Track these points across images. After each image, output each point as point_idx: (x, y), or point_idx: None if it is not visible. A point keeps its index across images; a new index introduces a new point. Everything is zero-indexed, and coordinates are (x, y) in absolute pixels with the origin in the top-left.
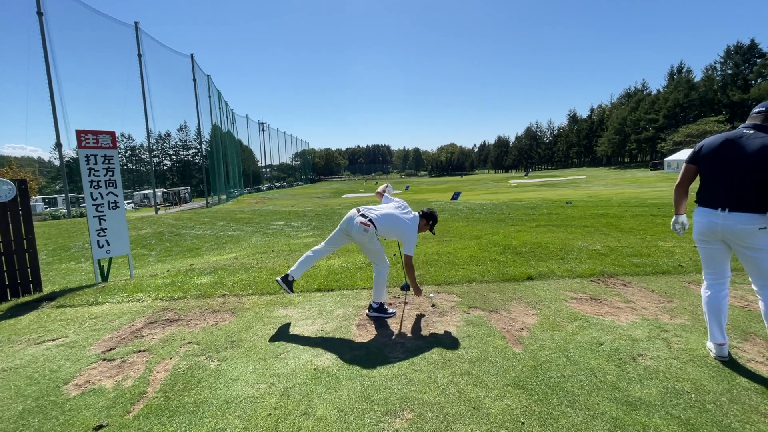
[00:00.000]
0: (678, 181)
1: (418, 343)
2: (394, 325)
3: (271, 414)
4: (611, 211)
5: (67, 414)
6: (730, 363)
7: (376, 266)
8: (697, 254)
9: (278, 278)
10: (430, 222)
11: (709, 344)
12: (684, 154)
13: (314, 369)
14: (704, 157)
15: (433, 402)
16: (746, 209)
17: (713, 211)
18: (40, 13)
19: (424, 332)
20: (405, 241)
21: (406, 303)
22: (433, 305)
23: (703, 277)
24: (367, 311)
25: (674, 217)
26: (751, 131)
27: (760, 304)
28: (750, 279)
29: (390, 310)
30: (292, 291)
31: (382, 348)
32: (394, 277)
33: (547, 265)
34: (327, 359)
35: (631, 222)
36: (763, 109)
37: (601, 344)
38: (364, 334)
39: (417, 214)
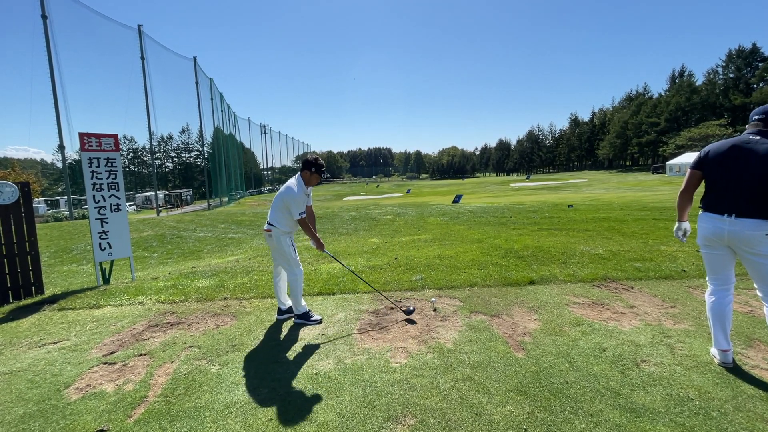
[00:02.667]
0: (683, 187)
1: (419, 347)
2: (395, 329)
3: (272, 419)
4: (613, 214)
5: (68, 418)
6: (735, 369)
7: (288, 273)
8: (699, 259)
9: (277, 316)
10: (313, 169)
11: (713, 350)
12: (686, 157)
13: (315, 374)
14: (710, 162)
15: (435, 408)
16: (753, 215)
17: (719, 217)
18: (44, 16)
19: (426, 337)
20: (291, 207)
21: (398, 311)
22: (434, 309)
23: (708, 283)
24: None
25: (677, 224)
26: (758, 137)
27: (765, 310)
28: (755, 285)
29: (315, 317)
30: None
31: (384, 353)
32: (395, 281)
33: (549, 270)
34: (328, 364)
35: (633, 226)
36: (763, 115)
37: (604, 350)
38: (366, 338)
39: (297, 174)
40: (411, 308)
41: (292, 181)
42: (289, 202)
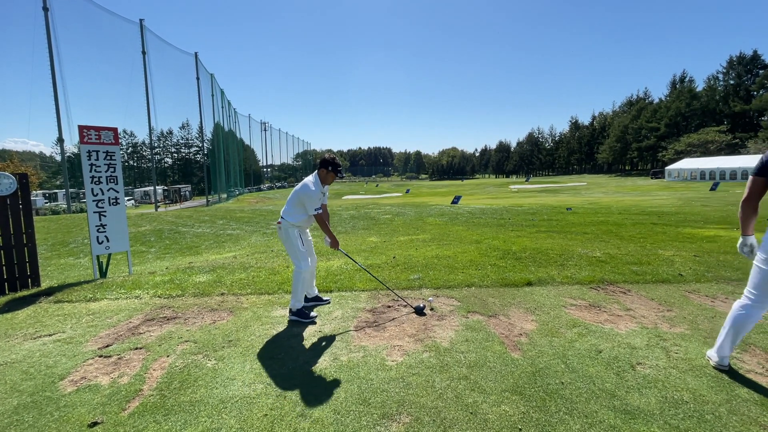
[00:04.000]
0: (745, 195)
1: (416, 346)
2: (392, 327)
3: (267, 415)
4: (611, 218)
5: (62, 410)
6: (730, 373)
7: (294, 266)
8: (696, 263)
9: (293, 317)
10: (330, 167)
11: (711, 353)
12: (685, 163)
13: (311, 370)
14: None
15: (430, 406)
16: None
17: None
18: (45, 9)
19: (423, 336)
20: (306, 203)
21: (405, 306)
22: (431, 309)
23: (744, 293)
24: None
25: (741, 239)
26: None
27: None
28: None
29: (311, 314)
30: (312, 314)
31: (380, 351)
32: (393, 279)
33: (547, 271)
34: (324, 361)
35: (631, 230)
36: None
37: (600, 352)
38: (362, 336)
39: (314, 172)
40: (422, 305)
41: (309, 179)
42: (304, 198)
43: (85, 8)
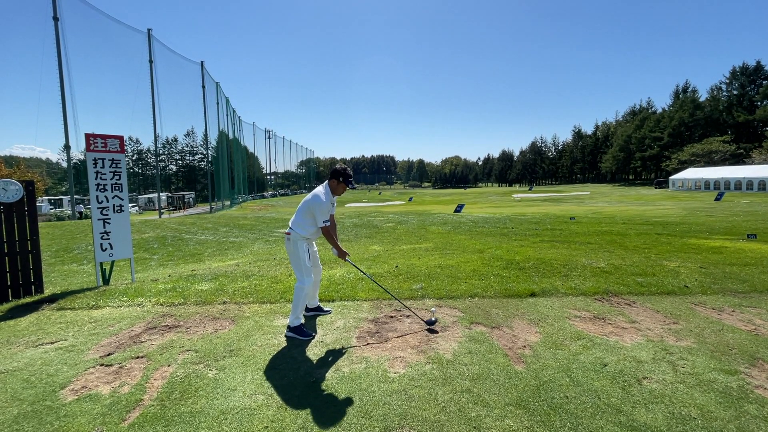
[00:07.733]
0: None
1: (418, 358)
2: (394, 338)
3: (267, 427)
4: (615, 228)
5: (62, 420)
6: (738, 389)
7: (297, 280)
8: (702, 275)
9: (290, 333)
10: (341, 178)
11: None
12: (689, 173)
13: (313, 382)
14: None
15: (432, 420)
16: None
17: None
18: (56, 18)
19: (425, 347)
20: (317, 214)
21: (407, 317)
22: (434, 320)
23: None
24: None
25: None
26: None
27: None
28: None
29: (311, 332)
30: (312, 332)
31: (382, 362)
32: (396, 289)
33: (551, 282)
34: (326, 372)
35: (636, 240)
36: None
37: (606, 365)
38: (365, 347)
39: (324, 182)
40: (433, 319)
41: (320, 189)
42: (315, 209)
43: (94, 18)
